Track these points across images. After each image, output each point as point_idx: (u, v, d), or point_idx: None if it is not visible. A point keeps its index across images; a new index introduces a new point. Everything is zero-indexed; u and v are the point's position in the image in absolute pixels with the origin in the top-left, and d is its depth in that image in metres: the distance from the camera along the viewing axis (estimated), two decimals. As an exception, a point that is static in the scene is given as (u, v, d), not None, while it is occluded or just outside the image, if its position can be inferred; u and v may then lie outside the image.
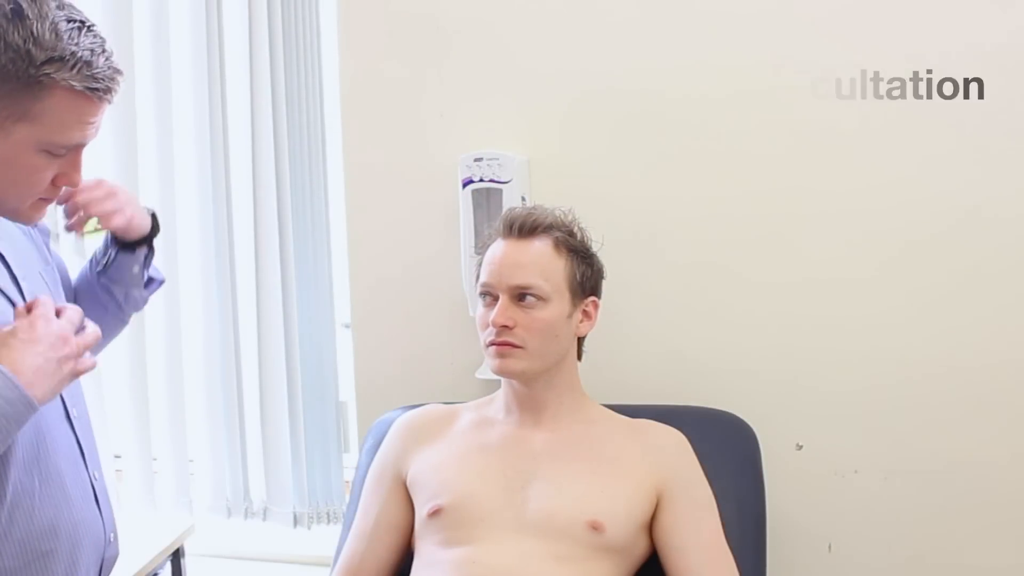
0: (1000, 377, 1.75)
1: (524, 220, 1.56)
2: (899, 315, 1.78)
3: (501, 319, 1.52)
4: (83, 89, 1.14)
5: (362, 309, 2.08)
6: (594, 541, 1.48)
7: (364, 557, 1.60)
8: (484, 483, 1.54)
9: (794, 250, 1.82)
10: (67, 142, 1.17)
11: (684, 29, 1.83)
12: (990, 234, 1.73)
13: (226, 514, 2.36)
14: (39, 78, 1.11)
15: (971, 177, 1.73)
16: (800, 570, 1.84)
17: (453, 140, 1.94)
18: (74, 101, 1.15)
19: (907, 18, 1.73)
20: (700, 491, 1.56)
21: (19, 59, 1.10)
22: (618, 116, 1.87)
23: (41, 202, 1.23)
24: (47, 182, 1.20)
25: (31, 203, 1.22)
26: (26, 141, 1.15)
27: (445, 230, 1.95)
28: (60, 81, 1.12)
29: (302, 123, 2.24)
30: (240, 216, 2.28)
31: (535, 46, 1.90)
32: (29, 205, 1.22)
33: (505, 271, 1.54)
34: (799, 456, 1.84)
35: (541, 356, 1.55)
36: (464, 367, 1.96)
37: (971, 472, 1.77)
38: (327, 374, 2.31)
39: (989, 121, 1.70)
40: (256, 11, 2.20)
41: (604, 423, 1.62)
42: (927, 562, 1.81)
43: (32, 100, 1.12)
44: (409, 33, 1.97)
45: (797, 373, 1.83)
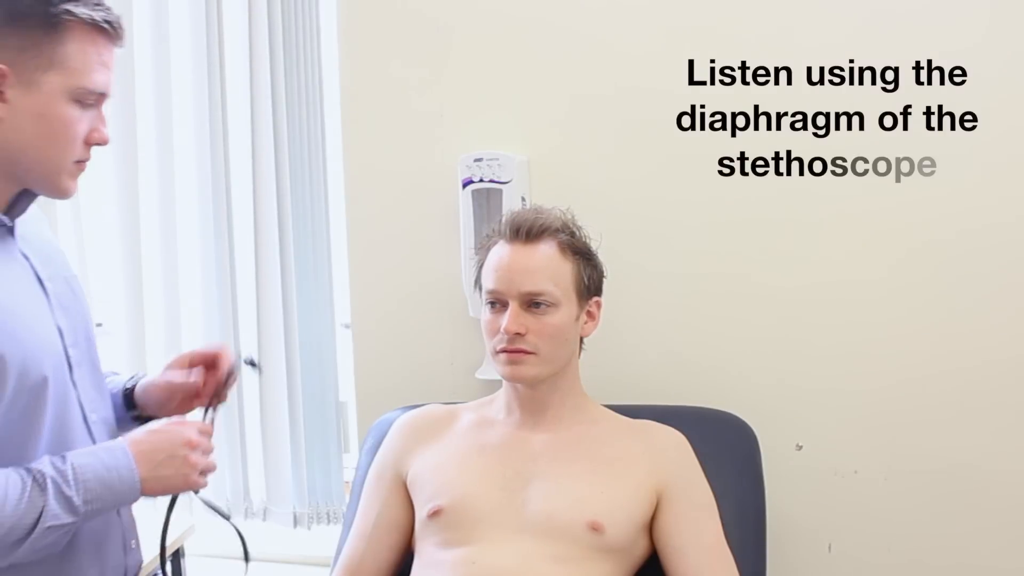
0: (1000, 377, 1.75)
1: (532, 224, 1.55)
2: (899, 315, 1.78)
3: (514, 326, 1.51)
4: (100, 20, 1.22)
5: (362, 309, 2.08)
6: (594, 542, 1.48)
7: (364, 557, 1.60)
8: (484, 484, 1.54)
9: (794, 251, 1.82)
10: (92, 86, 1.23)
11: (684, 29, 1.83)
12: (992, 234, 1.73)
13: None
14: (60, 16, 1.19)
15: (973, 179, 1.73)
16: (800, 570, 1.84)
17: (453, 140, 1.94)
18: (91, 38, 1.22)
19: (905, 14, 1.73)
20: (700, 492, 1.56)
21: (37, 4, 1.19)
22: (618, 116, 1.87)
23: (76, 166, 1.26)
24: (81, 137, 1.24)
25: (69, 166, 1.25)
26: (57, 90, 1.20)
27: (445, 230, 1.95)
28: (78, 15, 1.20)
29: (302, 123, 2.25)
30: (240, 216, 2.28)
31: (535, 46, 1.90)
32: (68, 169, 1.25)
33: (516, 277, 1.53)
34: (799, 456, 1.84)
35: (552, 360, 1.55)
36: (464, 367, 1.96)
37: (971, 472, 1.77)
38: (327, 374, 2.31)
39: (991, 121, 1.71)
40: (256, 11, 2.20)
41: (604, 424, 1.62)
42: (927, 562, 1.81)
43: (55, 43, 1.19)
44: (409, 33, 1.97)
45: (797, 373, 1.83)
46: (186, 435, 1.27)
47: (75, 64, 1.21)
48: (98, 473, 1.20)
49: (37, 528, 1.15)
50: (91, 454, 1.22)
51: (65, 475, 1.18)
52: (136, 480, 1.22)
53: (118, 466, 1.21)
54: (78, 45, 1.21)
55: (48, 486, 1.16)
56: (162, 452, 1.25)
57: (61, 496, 1.17)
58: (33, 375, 1.21)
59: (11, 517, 1.14)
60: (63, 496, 1.17)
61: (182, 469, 1.27)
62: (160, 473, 1.25)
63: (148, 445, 1.25)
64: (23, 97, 1.19)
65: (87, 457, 1.21)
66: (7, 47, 1.18)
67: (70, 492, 1.17)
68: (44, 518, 1.15)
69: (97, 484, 1.19)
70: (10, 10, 1.19)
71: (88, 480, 1.19)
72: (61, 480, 1.17)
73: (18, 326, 1.20)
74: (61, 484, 1.17)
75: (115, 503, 1.24)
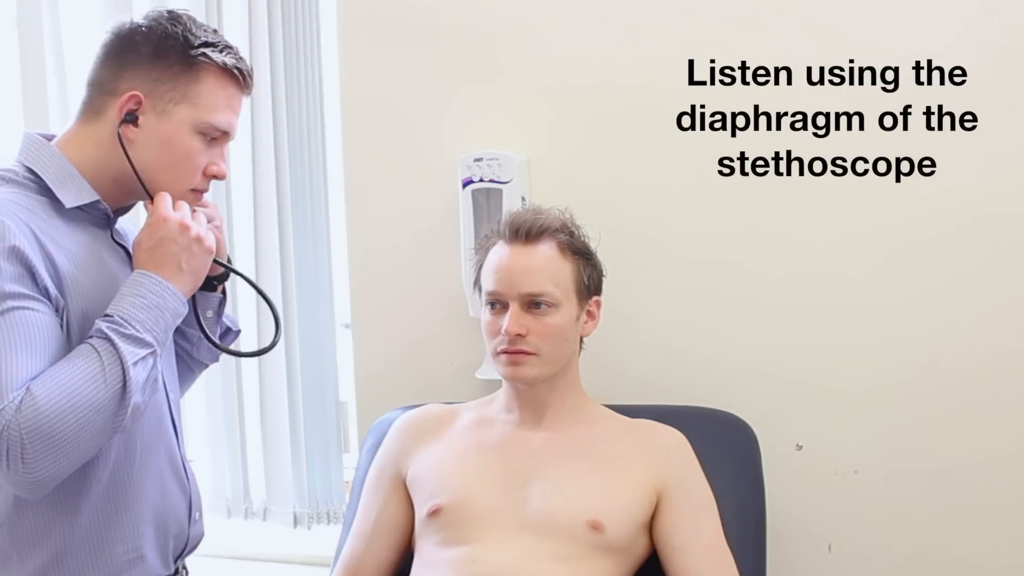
0: (1000, 377, 1.75)
1: (531, 225, 1.55)
2: (899, 315, 1.78)
3: (515, 327, 1.51)
4: (232, 67, 1.37)
5: (362, 309, 2.08)
6: (594, 541, 1.48)
7: (364, 557, 1.60)
8: (484, 483, 1.54)
9: (794, 251, 1.82)
10: (218, 123, 1.38)
11: (684, 29, 1.83)
12: (992, 233, 1.73)
13: (226, 514, 2.36)
14: (197, 58, 1.35)
15: (972, 179, 1.73)
16: (800, 570, 1.84)
17: (453, 140, 1.94)
18: (224, 82, 1.38)
19: (905, 14, 1.73)
20: (700, 491, 1.56)
21: (179, 45, 1.34)
22: (618, 116, 1.87)
23: (191, 194, 1.40)
24: (200, 168, 1.39)
25: (182, 192, 1.39)
26: (185, 122, 1.36)
27: (445, 230, 1.95)
28: (214, 59, 1.35)
29: (302, 124, 2.24)
30: (240, 216, 2.28)
31: (535, 46, 1.91)
32: (180, 194, 1.38)
33: (516, 279, 1.53)
34: (799, 456, 1.84)
35: (553, 361, 1.55)
36: (464, 367, 1.96)
37: (971, 472, 1.77)
38: (327, 374, 2.31)
39: (991, 121, 1.71)
40: (256, 11, 2.20)
41: (604, 423, 1.62)
42: (927, 562, 1.81)
43: (190, 81, 1.35)
44: (409, 33, 1.97)
45: (797, 373, 1.83)
46: (175, 222, 1.34)
47: (204, 101, 1.36)
48: (136, 304, 1.28)
49: (127, 372, 1.24)
50: (120, 297, 1.30)
51: (115, 322, 1.26)
52: (167, 285, 1.31)
53: (148, 288, 1.30)
54: (209, 86, 1.36)
55: (112, 336, 1.25)
56: (166, 247, 1.33)
57: (126, 338, 1.26)
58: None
59: (106, 381, 1.23)
60: (128, 337, 1.26)
61: (192, 247, 1.35)
62: (179, 264, 1.34)
63: (151, 253, 1.33)
64: (154, 124, 1.35)
65: (120, 301, 1.29)
66: (147, 78, 1.34)
67: (130, 331, 1.26)
68: (126, 361, 1.24)
69: (143, 313, 1.28)
70: (156, 47, 1.34)
71: (135, 314, 1.28)
72: (118, 327, 1.26)
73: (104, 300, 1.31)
74: (120, 328, 1.26)
75: (173, 317, 1.32)
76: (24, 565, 1.32)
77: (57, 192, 1.33)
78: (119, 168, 1.35)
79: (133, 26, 1.36)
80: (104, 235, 1.40)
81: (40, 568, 1.32)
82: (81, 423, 1.20)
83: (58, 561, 1.32)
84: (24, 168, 1.34)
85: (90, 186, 1.35)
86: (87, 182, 1.35)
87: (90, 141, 1.36)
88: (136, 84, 1.34)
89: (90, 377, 1.22)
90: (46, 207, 1.32)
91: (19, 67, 2.47)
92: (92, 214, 1.38)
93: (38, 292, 1.25)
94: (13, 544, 1.32)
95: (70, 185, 1.34)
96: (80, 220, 1.36)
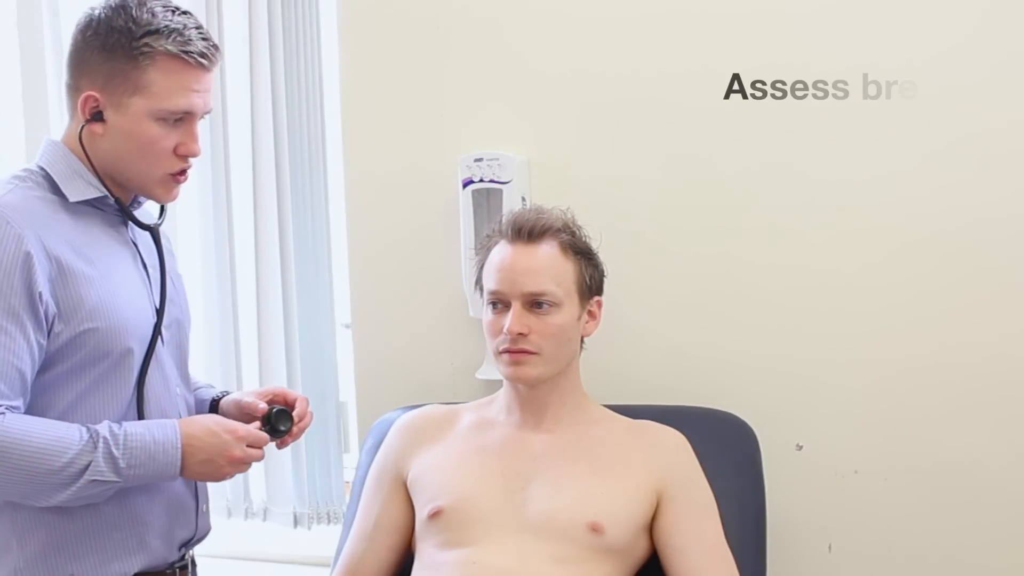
0: (1000, 376, 1.75)
1: (533, 224, 1.55)
2: (899, 315, 1.78)
3: (517, 327, 1.51)
4: (178, 53, 1.37)
5: (362, 309, 2.08)
6: (594, 542, 1.48)
7: (364, 558, 1.60)
8: (484, 484, 1.54)
9: (794, 252, 1.82)
10: (174, 107, 1.39)
11: (684, 29, 1.83)
12: (992, 233, 1.73)
13: (226, 514, 2.36)
14: (141, 49, 1.35)
15: (977, 175, 1.72)
16: (800, 570, 1.84)
17: (453, 140, 1.94)
18: (173, 67, 1.38)
19: (902, 18, 1.73)
20: (700, 492, 1.56)
21: (122, 37, 1.36)
22: (618, 116, 1.87)
23: (170, 178, 1.44)
24: (169, 152, 1.41)
25: (160, 176, 1.43)
26: (141, 113, 1.38)
27: (445, 230, 1.95)
28: (158, 48, 1.36)
29: (302, 123, 2.24)
30: (240, 217, 2.28)
31: (535, 46, 1.90)
32: (158, 179, 1.43)
33: (519, 278, 1.53)
34: (799, 456, 1.84)
35: (555, 361, 1.55)
36: (464, 367, 1.96)
37: (971, 472, 1.77)
38: (327, 374, 2.31)
39: (987, 121, 1.71)
40: (256, 11, 2.20)
41: (604, 424, 1.62)
42: (927, 562, 1.81)
43: (139, 72, 1.36)
44: (409, 33, 1.97)
45: (797, 373, 1.83)
46: (233, 452, 1.40)
47: (156, 90, 1.37)
48: (146, 444, 1.34)
49: (83, 478, 1.30)
50: (145, 426, 1.37)
51: (117, 438, 1.32)
52: (177, 461, 1.36)
53: (166, 444, 1.36)
54: (160, 74, 1.37)
55: (100, 443, 1.31)
56: (206, 453, 1.39)
57: (109, 455, 1.31)
58: (119, 345, 1.39)
59: (65, 460, 1.29)
60: (110, 456, 1.32)
61: (216, 473, 1.42)
62: (197, 469, 1.40)
63: (198, 442, 1.38)
64: (115, 118, 1.38)
65: (141, 427, 1.36)
66: (99, 75, 1.37)
67: (117, 453, 1.32)
68: (90, 471, 1.30)
69: (142, 453, 1.34)
70: (103, 43, 1.37)
71: (135, 448, 1.33)
72: (112, 441, 1.32)
73: (115, 301, 1.39)
74: (111, 445, 1.32)
75: (156, 475, 1.37)
76: (24, 550, 1.37)
77: (63, 188, 1.39)
78: (101, 164, 1.41)
79: (87, 21, 1.39)
80: (117, 230, 1.46)
81: (40, 552, 1.37)
82: (15, 468, 1.27)
83: (58, 546, 1.37)
84: (39, 168, 1.42)
85: (99, 181, 1.41)
86: (94, 177, 1.41)
87: (75, 139, 1.42)
88: (91, 82, 1.38)
89: (59, 449, 1.29)
90: (55, 204, 1.39)
91: (19, 67, 2.47)
92: (104, 209, 1.44)
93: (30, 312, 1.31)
94: (13, 531, 1.37)
95: (76, 181, 1.41)
96: (89, 215, 1.42)
